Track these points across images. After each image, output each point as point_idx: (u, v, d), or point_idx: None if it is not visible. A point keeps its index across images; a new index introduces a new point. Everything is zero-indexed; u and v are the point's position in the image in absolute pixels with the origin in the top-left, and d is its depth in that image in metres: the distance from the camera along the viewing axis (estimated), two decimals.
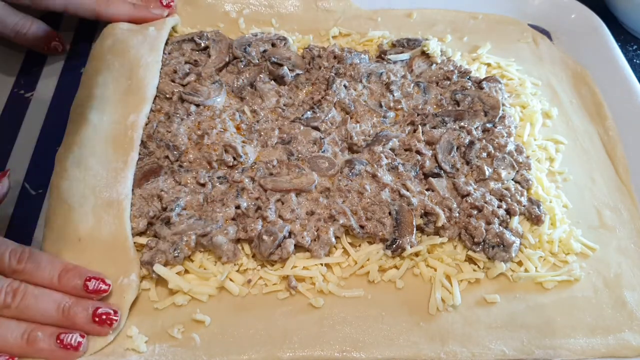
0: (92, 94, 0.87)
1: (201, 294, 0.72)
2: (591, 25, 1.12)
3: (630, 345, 0.72)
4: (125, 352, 0.67)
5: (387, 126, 0.91)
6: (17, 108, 0.93)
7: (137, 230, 0.76)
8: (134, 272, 0.72)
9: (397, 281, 0.75)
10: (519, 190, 0.83)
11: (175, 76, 0.94)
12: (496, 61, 1.05)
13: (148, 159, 0.84)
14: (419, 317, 0.73)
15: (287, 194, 0.80)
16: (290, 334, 0.70)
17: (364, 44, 1.07)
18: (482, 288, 0.76)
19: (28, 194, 0.83)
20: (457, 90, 0.96)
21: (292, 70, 0.97)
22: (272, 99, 0.93)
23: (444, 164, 0.85)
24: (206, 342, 0.69)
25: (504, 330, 0.72)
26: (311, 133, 0.88)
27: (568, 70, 1.08)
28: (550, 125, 0.98)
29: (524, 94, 0.99)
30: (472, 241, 0.78)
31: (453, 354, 0.70)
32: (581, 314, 0.75)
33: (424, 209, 0.79)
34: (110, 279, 0.70)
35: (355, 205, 0.80)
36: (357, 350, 0.69)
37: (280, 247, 0.74)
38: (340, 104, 0.92)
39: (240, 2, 1.11)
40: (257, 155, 0.86)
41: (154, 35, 0.97)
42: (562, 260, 0.79)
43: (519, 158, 0.88)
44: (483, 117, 0.92)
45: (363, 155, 0.87)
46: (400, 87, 0.96)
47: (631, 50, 1.19)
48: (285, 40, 1.02)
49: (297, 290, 0.73)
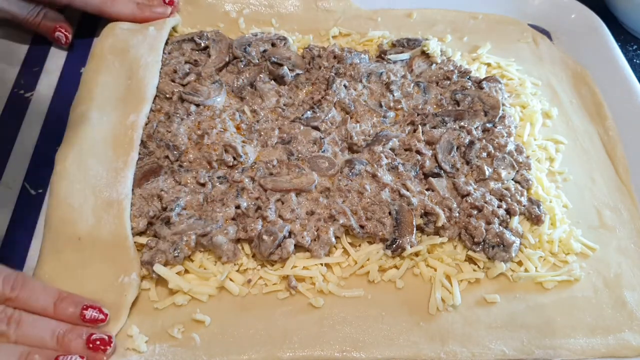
0: (92, 94, 0.87)
1: (201, 294, 0.72)
2: (591, 25, 1.12)
3: (630, 345, 0.72)
4: (126, 351, 0.67)
5: (387, 126, 0.91)
6: (17, 108, 0.93)
7: (137, 230, 0.76)
8: (135, 271, 0.72)
9: (397, 281, 0.75)
10: (519, 190, 0.83)
11: (175, 76, 0.94)
12: (496, 61, 1.05)
13: (148, 158, 0.84)
14: (419, 317, 0.73)
15: (287, 193, 0.80)
16: (290, 334, 0.70)
17: (364, 44, 1.07)
18: (482, 288, 0.76)
19: (28, 194, 0.83)
20: (457, 90, 0.96)
21: (292, 70, 0.97)
22: (272, 98, 0.93)
23: (444, 164, 0.85)
24: (206, 342, 0.69)
25: (504, 330, 0.72)
26: (311, 133, 0.88)
27: (568, 70, 1.08)
28: (550, 125, 0.98)
29: (524, 94, 0.99)
30: (472, 241, 0.78)
31: (453, 353, 0.70)
32: (581, 314, 0.75)
33: (424, 209, 0.79)
34: (110, 279, 0.70)
35: (355, 205, 0.80)
36: (357, 350, 0.69)
37: (280, 247, 0.74)
38: (340, 104, 0.92)
39: (240, 2, 1.11)
40: (257, 155, 0.86)
41: (153, 35, 0.97)
42: (562, 260, 0.79)
43: (519, 158, 0.88)
44: (483, 117, 0.92)
45: (363, 155, 0.87)
46: (400, 87, 0.96)
47: (631, 50, 1.19)
48: (285, 40, 1.02)
49: (297, 290, 0.73)
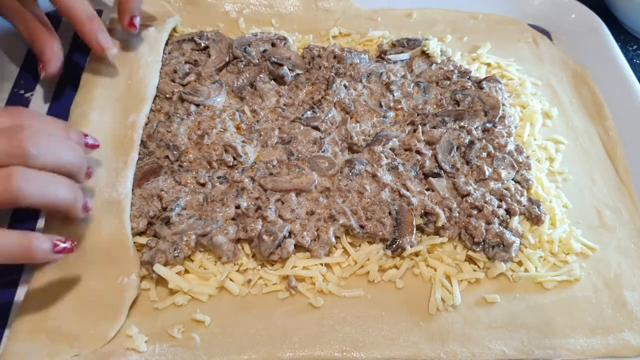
0: (92, 94, 0.87)
1: (201, 293, 0.72)
2: (591, 25, 1.12)
3: (630, 345, 0.72)
4: (126, 351, 0.67)
5: (387, 126, 0.91)
6: None
7: (137, 230, 0.76)
8: (134, 271, 0.72)
9: (397, 281, 0.75)
10: (519, 190, 0.83)
11: (175, 76, 0.94)
12: (496, 61, 1.05)
13: (148, 158, 0.84)
14: (419, 317, 0.73)
15: (287, 193, 0.80)
16: (290, 334, 0.70)
17: (364, 44, 1.07)
18: (482, 288, 0.76)
19: None
20: (457, 90, 0.96)
21: (292, 70, 0.97)
22: (272, 98, 0.93)
23: (444, 164, 0.85)
24: (206, 342, 0.69)
25: (504, 330, 0.72)
26: (311, 133, 0.88)
27: (568, 70, 1.08)
28: (550, 125, 0.98)
29: (524, 94, 0.99)
30: (472, 241, 0.78)
31: (453, 353, 0.70)
32: (581, 314, 0.75)
33: (424, 209, 0.79)
34: (109, 280, 0.71)
35: (355, 205, 0.80)
36: (357, 350, 0.69)
37: (280, 247, 0.74)
38: (340, 104, 0.92)
39: (240, 2, 1.11)
40: (257, 155, 0.86)
41: (154, 35, 0.97)
42: (562, 260, 0.79)
43: (519, 158, 0.88)
44: (483, 117, 0.92)
45: (363, 155, 0.87)
46: (400, 87, 0.96)
47: (631, 50, 1.19)
48: (285, 40, 1.02)
49: (297, 290, 0.73)
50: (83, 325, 0.68)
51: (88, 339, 0.67)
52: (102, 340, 0.67)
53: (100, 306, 0.69)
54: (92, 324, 0.68)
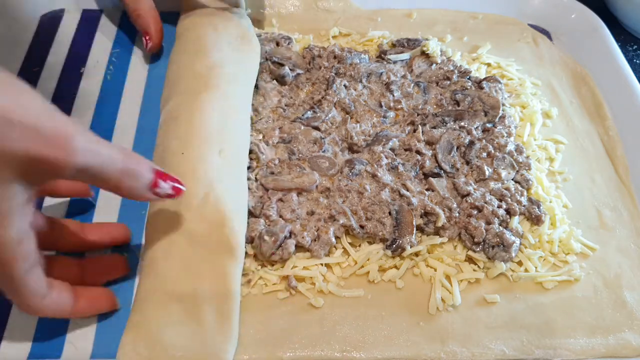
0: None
1: None
2: (591, 25, 1.12)
3: (630, 345, 0.72)
4: None
5: (387, 126, 0.91)
6: None
7: None
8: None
9: (397, 281, 0.75)
10: (519, 190, 0.83)
11: None
12: (496, 61, 1.05)
13: None
14: (419, 317, 0.73)
15: (288, 193, 0.80)
16: (290, 334, 0.70)
17: (364, 44, 1.07)
18: (482, 288, 0.76)
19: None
20: (457, 90, 0.96)
21: (293, 70, 0.97)
22: (274, 98, 0.93)
23: (444, 164, 0.85)
24: None
25: (504, 330, 0.72)
26: (311, 133, 0.88)
27: (568, 70, 1.08)
28: (550, 125, 0.98)
29: (524, 94, 0.99)
30: (472, 241, 0.78)
31: (453, 353, 0.70)
32: (581, 314, 0.75)
33: (424, 209, 0.79)
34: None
35: (355, 205, 0.80)
36: (357, 350, 0.69)
37: (282, 248, 0.74)
38: (340, 104, 0.92)
39: None
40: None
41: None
42: (562, 260, 0.79)
43: (519, 158, 0.88)
44: (483, 117, 0.92)
45: (363, 155, 0.87)
46: (400, 87, 0.96)
47: (631, 50, 1.19)
48: (290, 39, 1.02)
49: (297, 290, 0.73)
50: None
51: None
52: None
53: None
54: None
